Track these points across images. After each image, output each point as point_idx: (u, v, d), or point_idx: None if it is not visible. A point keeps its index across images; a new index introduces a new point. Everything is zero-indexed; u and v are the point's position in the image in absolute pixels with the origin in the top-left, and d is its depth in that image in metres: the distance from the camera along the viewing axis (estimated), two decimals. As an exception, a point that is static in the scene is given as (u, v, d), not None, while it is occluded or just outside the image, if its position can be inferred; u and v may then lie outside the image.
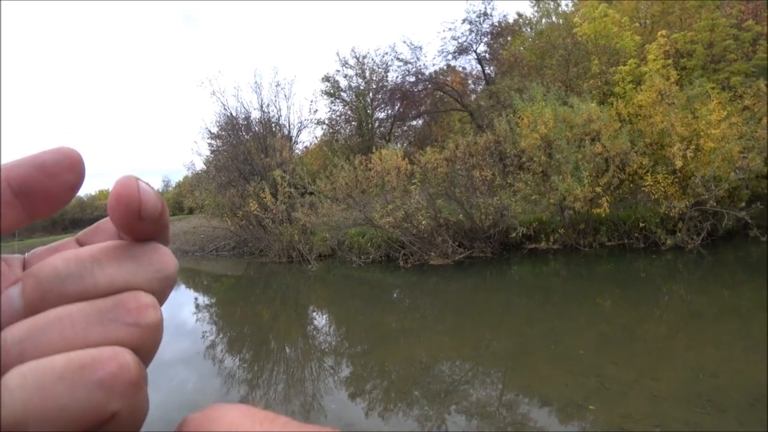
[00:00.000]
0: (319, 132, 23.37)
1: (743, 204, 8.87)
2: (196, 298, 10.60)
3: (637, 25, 14.51)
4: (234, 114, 18.85)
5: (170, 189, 42.16)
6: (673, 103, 9.64)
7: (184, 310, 9.24)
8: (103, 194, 44.07)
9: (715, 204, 8.90)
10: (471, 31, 19.66)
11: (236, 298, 10.55)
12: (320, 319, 8.05)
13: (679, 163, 8.91)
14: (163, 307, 0.22)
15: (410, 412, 3.79)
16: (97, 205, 38.13)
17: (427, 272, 9.93)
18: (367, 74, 22.36)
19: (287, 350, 6.09)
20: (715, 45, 11.97)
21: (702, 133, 9.10)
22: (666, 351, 4.42)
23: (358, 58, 22.37)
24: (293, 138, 19.91)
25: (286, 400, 4.28)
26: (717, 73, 11.69)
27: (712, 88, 10.17)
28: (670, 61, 10.95)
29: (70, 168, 0.22)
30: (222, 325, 8.06)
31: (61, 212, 35.51)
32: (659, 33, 11.65)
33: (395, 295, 9.05)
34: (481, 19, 19.49)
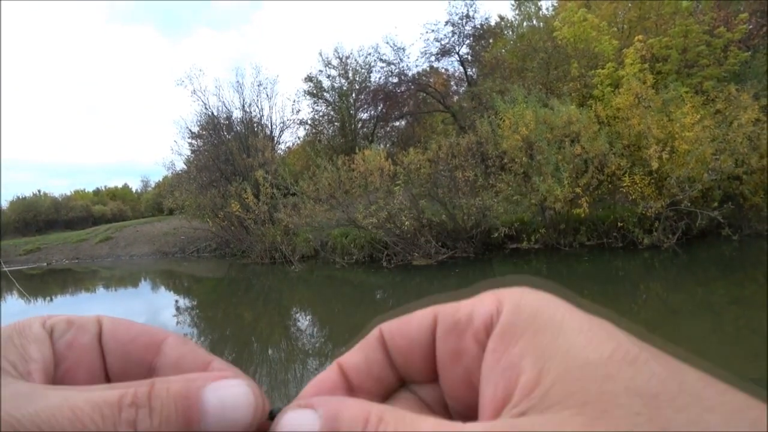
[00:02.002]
0: (301, 132, 23.22)
1: (716, 204, 9.16)
2: (176, 301, 10.41)
3: (615, 29, 14.85)
4: (215, 113, 18.61)
5: (149, 189, 41.32)
6: (650, 107, 9.90)
7: (165, 312, 9.07)
8: (79, 194, 42.87)
9: (689, 204, 9.18)
10: (453, 33, 19.82)
11: (218, 300, 10.40)
12: (303, 320, 8.00)
13: (655, 165, 9.16)
14: (144, 311, 0.25)
15: (394, 412, 3.80)
16: (72, 206, 36.85)
17: (410, 272, 9.97)
18: (350, 75, 22.34)
19: (270, 352, 6.04)
20: (688, 50, 12.33)
21: (677, 136, 9.37)
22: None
23: (341, 59, 22.34)
24: (275, 138, 19.74)
25: (270, 402, 4.25)
26: (690, 78, 12.04)
27: (686, 92, 10.48)
28: (646, 66, 11.24)
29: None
30: (203, 327, 7.94)
31: (34, 213, 34.41)
32: (636, 38, 11.94)
33: (379, 295, 9.06)
34: (464, 21, 19.67)
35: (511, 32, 20.93)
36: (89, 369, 0.27)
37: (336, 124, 22.82)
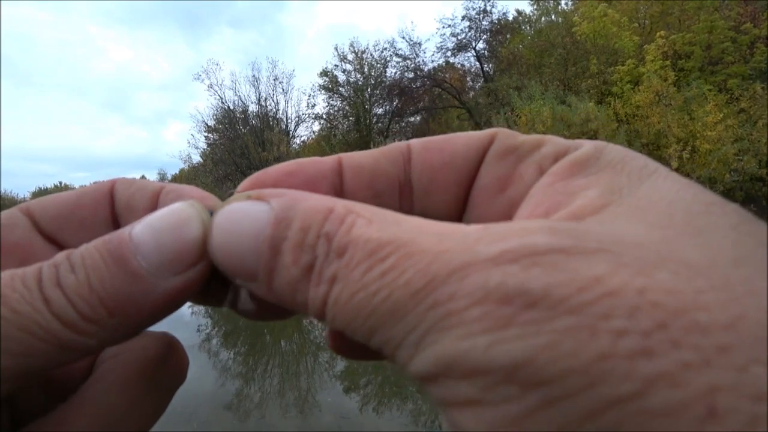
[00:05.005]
0: (316, 127, 23.28)
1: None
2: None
3: (636, 25, 14.53)
4: (231, 107, 18.81)
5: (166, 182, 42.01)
6: (670, 104, 9.69)
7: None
8: (98, 186, 43.81)
9: (709, 205, 8.99)
10: (470, 28, 19.63)
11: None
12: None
13: (675, 164, 8.98)
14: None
15: (404, 406, 3.82)
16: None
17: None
18: (366, 69, 22.29)
19: (282, 344, 6.12)
20: (713, 47, 12.02)
21: (698, 135, 9.17)
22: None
23: (356, 53, 22.30)
24: (291, 132, 19.88)
25: (281, 394, 4.30)
26: (714, 75, 11.74)
27: (709, 90, 10.24)
28: (668, 62, 10.99)
29: None
30: (217, 318, 8.07)
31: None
32: (658, 34, 11.68)
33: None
34: (481, 16, 19.46)
35: (528, 27, 20.63)
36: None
37: (351, 118, 22.82)
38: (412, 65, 20.84)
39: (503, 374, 0.13)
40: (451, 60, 21.08)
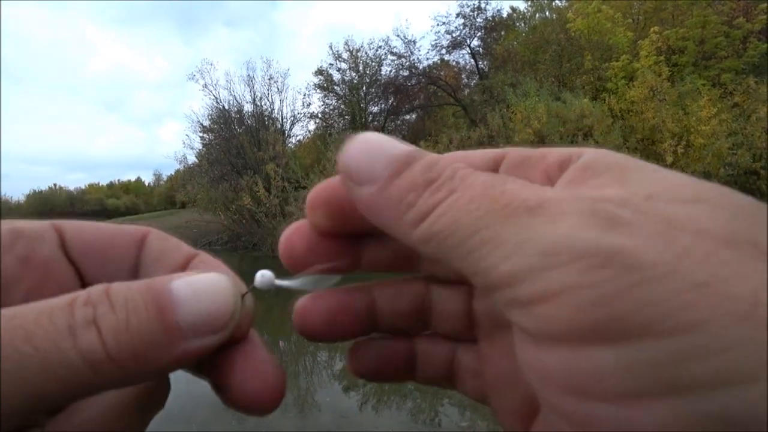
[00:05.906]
0: (312, 126, 23.19)
1: (732, 200, 9.00)
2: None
3: (630, 21, 14.57)
4: (226, 107, 18.71)
5: (162, 183, 41.81)
6: (665, 100, 9.72)
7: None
8: (93, 188, 43.54)
9: (704, 199, 9.02)
10: (465, 25, 19.63)
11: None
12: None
13: (669, 159, 9.01)
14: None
15: (403, 404, 3.83)
16: (87, 200, 37.53)
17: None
18: (361, 68, 22.23)
19: (281, 344, 6.11)
20: (706, 42, 12.07)
21: (692, 130, 9.20)
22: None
23: (351, 52, 22.24)
24: (286, 132, 19.79)
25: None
26: (708, 70, 11.79)
27: (703, 85, 10.27)
28: (662, 58, 11.02)
29: None
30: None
31: (50, 206, 35.10)
32: (652, 29, 11.71)
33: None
34: (475, 13, 19.46)
35: (523, 24, 20.64)
36: (60, 286, 0.23)
37: (346, 117, 22.78)
38: (407, 63, 20.82)
39: (603, 258, 0.16)
40: (446, 57, 21.07)
